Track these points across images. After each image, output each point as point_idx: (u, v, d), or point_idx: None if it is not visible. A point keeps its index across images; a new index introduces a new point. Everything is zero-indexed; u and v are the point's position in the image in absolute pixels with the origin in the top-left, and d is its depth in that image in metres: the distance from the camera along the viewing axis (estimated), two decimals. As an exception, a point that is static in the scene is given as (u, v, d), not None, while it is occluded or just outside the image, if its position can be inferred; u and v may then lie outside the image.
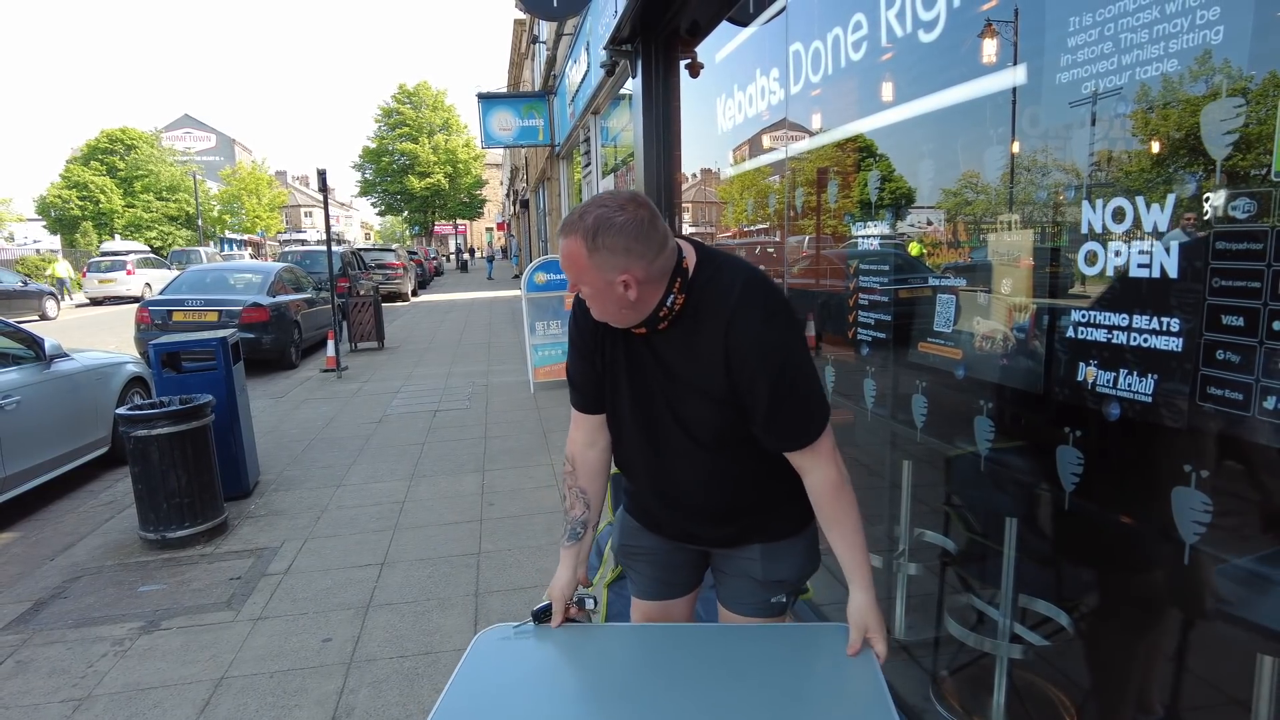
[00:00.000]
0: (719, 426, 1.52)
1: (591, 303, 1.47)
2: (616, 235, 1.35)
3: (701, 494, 1.62)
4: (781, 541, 1.68)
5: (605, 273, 1.38)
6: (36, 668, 3.04)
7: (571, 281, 1.45)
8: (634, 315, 1.46)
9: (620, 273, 1.37)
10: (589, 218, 1.37)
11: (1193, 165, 1.33)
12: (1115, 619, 1.84)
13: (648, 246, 1.38)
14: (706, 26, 4.65)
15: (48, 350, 5.32)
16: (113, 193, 41.07)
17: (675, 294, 1.44)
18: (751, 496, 1.62)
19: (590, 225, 1.36)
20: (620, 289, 1.39)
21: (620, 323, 1.49)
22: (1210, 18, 1.28)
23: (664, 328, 1.48)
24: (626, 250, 1.36)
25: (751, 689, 1.41)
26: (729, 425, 1.51)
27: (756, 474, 1.59)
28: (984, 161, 1.98)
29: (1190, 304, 1.34)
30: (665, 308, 1.45)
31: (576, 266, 1.40)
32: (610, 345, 1.60)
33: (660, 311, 1.45)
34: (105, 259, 24.39)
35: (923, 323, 2.30)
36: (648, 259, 1.38)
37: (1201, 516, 1.34)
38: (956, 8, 2.04)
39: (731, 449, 1.55)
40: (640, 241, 1.37)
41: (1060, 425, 1.68)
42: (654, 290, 1.43)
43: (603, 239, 1.35)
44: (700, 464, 1.58)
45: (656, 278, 1.42)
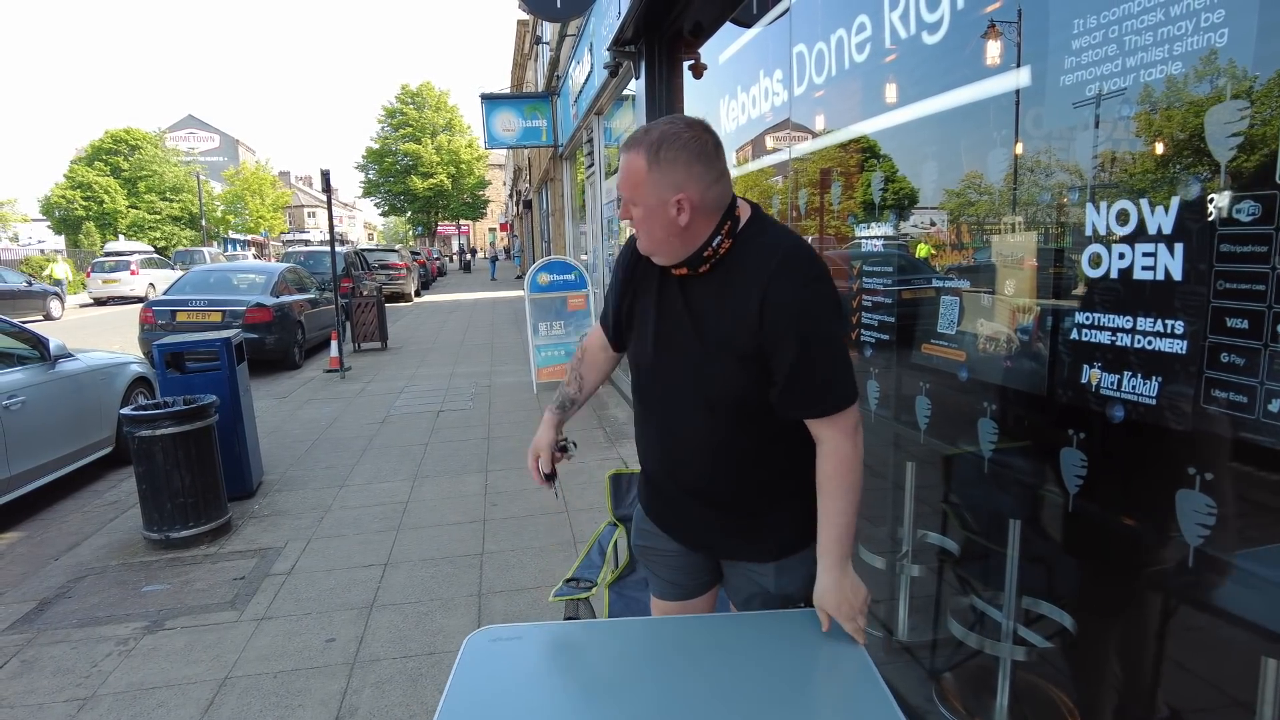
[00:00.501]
0: (736, 385, 1.49)
1: (641, 227, 1.46)
2: (680, 150, 1.37)
3: (708, 461, 1.58)
4: (793, 556, 1.66)
5: (662, 190, 1.39)
6: (41, 667, 3.05)
7: (626, 200, 1.46)
8: (680, 247, 1.46)
9: (677, 191, 1.38)
10: (654, 133, 1.39)
11: (1197, 167, 1.33)
12: (1118, 621, 1.83)
13: (707, 169, 1.39)
14: (710, 28, 4.66)
15: (52, 350, 5.33)
16: (117, 193, 41.18)
17: (723, 236, 1.45)
18: (757, 477, 1.58)
19: (655, 139, 1.38)
20: (673, 210, 1.40)
21: (666, 254, 1.48)
22: (1215, 20, 1.28)
23: (704, 270, 1.48)
24: (687, 167, 1.38)
25: (745, 677, 1.42)
26: (745, 386, 1.48)
27: (764, 455, 1.56)
28: (987, 163, 1.98)
29: (1194, 306, 1.34)
30: (710, 248, 1.45)
31: (634, 182, 1.41)
32: (644, 287, 1.61)
33: (705, 251, 1.45)
34: (109, 259, 24.44)
35: (926, 324, 2.30)
36: (705, 183, 1.40)
37: (1205, 519, 1.34)
38: (960, 9, 2.04)
39: (743, 416, 1.52)
40: (701, 162, 1.39)
41: (1064, 427, 1.68)
42: (704, 223, 1.43)
43: (666, 152, 1.37)
44: (709, 427, 1.55)
45: (710, 209, 1.43)
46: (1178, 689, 1.68)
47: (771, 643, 1.56)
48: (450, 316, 17.66)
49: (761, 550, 1.65)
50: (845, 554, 1.50)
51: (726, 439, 1.55)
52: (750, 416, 1.52)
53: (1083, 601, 1.93)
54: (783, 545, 1.65)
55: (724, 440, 1.55)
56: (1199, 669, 1.63)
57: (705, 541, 1.72)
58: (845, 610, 1.48)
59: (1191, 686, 1.65)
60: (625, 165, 1.43)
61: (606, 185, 8.43)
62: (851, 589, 1.48)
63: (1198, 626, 1.58)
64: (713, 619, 1.76)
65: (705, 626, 1.70)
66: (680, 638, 1.62)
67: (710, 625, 1.71)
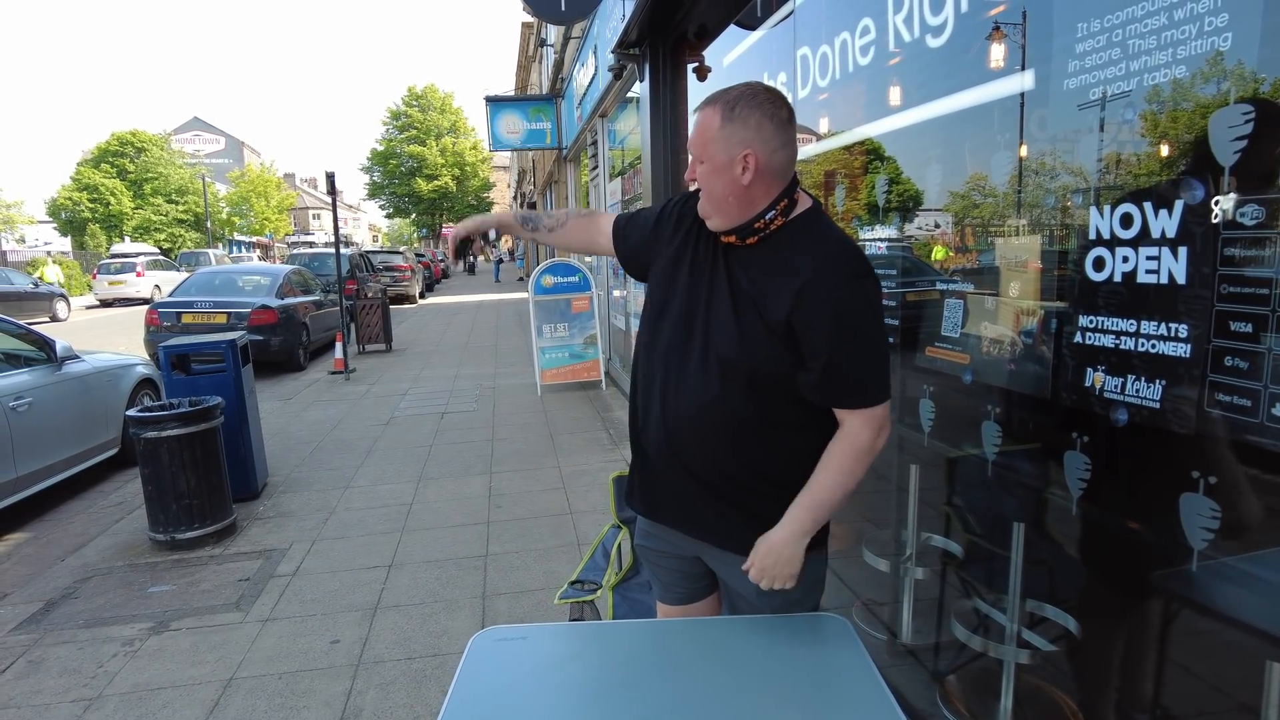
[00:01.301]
0: (754, 355, 1.48)
1: (704, 184, 1.50)
2: (754, 110, 1.42)
3: (707, 426, 1.56)
4: None
5: (731, 146, 1.43)
6: (47, 668, 3.07)
7: (694, 158, 1.51)
8: (736, 211, 1.49)
9: (745, 147, 1.43)
10: (733, 92, 1.45)
11: (1200, 171, 1.33)
12: (1122, 624, 1.83)
13: (777, 132, 1.44)
14: (714, 30, 4.66)
15: (59, 352, 5.36)
16: (123, 195, 41.37)
17: (777, 212, 1.48)
18: (752, 454, 1.56)
19: (733, 97, 1.44)
20: (739, 169, 1.44)
21: (722, 217, 1.51)
22: (1219, 24, 1.28)
23: (752, 242, 1.51)
24: (759, 126, 1.42)
25: (748, 680, 1.42)
26: (763, 358, 1.48)
27: (763, 432, 1.54)
28: (991, 166, 1.99)
29: (1198, 310, 1.34)
30: (763, 219, 1.48)
31: (705, 136, 1.46)
32: (685, 243, 1.63)
33: (756, 222, 1.48)
34: (115, 261, 24.53)
35: (930, 327, 2.30)
36: (772, 146, 1.44)
37: (1210, 523, 1.34)
38: (964, 13, 2.05)
39: (752, 387, 1.51)
40: (772, 122, 1.43)
41: (1067, 430, 1.68)
42: (763, 189, 1.47)
43: (741, 110, 1.43)
44: (716, 392, 1.53)
45: (773, 174, 1.46)
46: (1182, 692, 1.68)
47: (775, 647, 1.56)
48: (454, 318, 17.69)
49: (747, 542, 1.59)
50: (807, 525, 1.50)
51: (730, 406, 1.53)
52: (759, 389, 1.51)
53: (1086, 605, 1.93)
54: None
55: (727, 407, 1.53)
56: (1203, 673, 1.63)
57: (689, 518, 1.67)
58: (768, 565, 1.51)
59: (1195, 690, 1.65)
60: (699, 121, 1.48)
61: (611, 187, 8.44)
62: (788, 558, 1.50)
63: (1202, 630, 1.58)
64: (717, 622, 1.76)
65: (709, 630, 1.70)
66: (683, 641, 1.63)
67: (714, 629, 1.71)
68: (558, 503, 4.80)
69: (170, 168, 43.81)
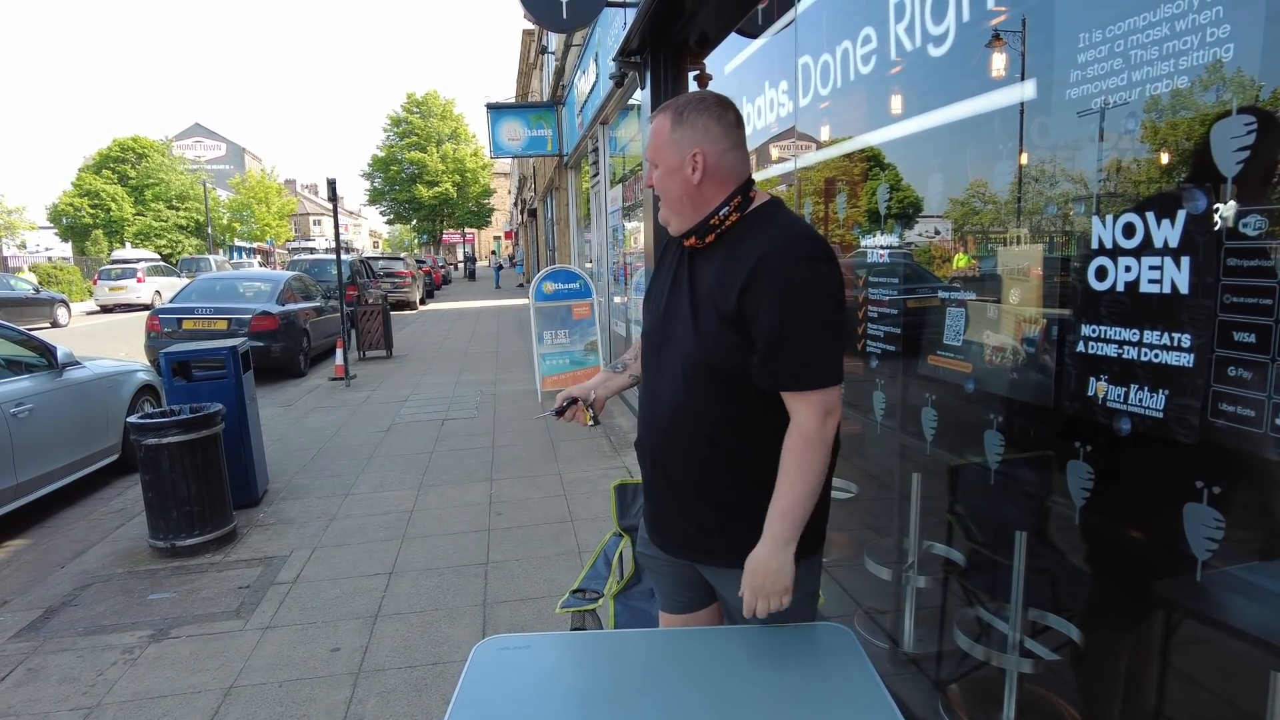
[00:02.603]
0: (712, 348, 1.50)
1: (660, 189, 1.59)
2: (700, 113, 1.52)
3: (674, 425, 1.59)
4: None
5: (681, 148, 1.52)
6: (47, 675, 3.06)
7: (650, 164, 1.60)
8: (691, 211, 1.56)
9: (693, 148, 1.51)
10: (681, 99, 1.56)
11: (1203, 181, 1.33)
12: (1126, 633, 1.83)
13: (724, 133, 1.53)
14: (715, 38, 4.68)
15: (60, 358, 5.36)
16: (124, 201, 41.42)
17: (731, 209, 1.53)
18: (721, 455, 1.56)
19: (681, 103, 1.55)
20: (690, 169, 1.52)
21: (679, 218, 1.58)
22: (1220, 35, 1.28)
23: (710, 240, 1.56)
24: (706, 128, 1.52)
25: (750, 689, 1.42)
26: (721, 351, 1.49)
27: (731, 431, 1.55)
28: (993, 174, 1.99)
29: (1201, 320, 1.34)
30: (717, 216, 1.53)
31: (658, 143, 1.56)
32: (665, 265, 1.72)
33: (712, 219, 1.54)
34: (116, 267, 24.57)
35: (932, 334, 2.30)
36: (721, 146, 1.53)
37: (1214, 533, 1.33)
38: (966, 22, 2.05)
39: (715, 381, 1.52)
40: (718, 124, 1.53)
41: (1070, 440, 1.67)
42: (715, 188, 1.54)
43: (688, 114, 1.52)
44: (682, 391, 1.56)
45: (722, 174, 1.54)
46: (1185, 702, 1.67)
47: (777, 656, 1.56)
48: (455, 324, 17.70)
49: (728, 554, 1.59)
50: (786, 532, 1.48)
51: (694, 404, 1.55)
52: (724, 386, 1.52)
53: (1090, 614, 1.93)
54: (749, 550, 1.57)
55: (693, 405, 1.55)
56: (1207, 682, 1.63)
57: (680, 540, 1.69)
58: (758, 584, 1.49)
59: (1199, 699, 1.65)
60: (653, 128, 1.57)
61: (612, 194, 8.45)
62: (776, 570, 1.48)
63: (1205, 639, 1.58)
64: (719, 632, 1.76)
65: (710, 639, 1.70)
66: (685, 651, 1.62)
67: (716, 638, 1.71)
68: (558, 510, 4.79)
69: (171, 174, 43.87)
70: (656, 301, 1.71)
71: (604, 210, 8.98)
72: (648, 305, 1.77)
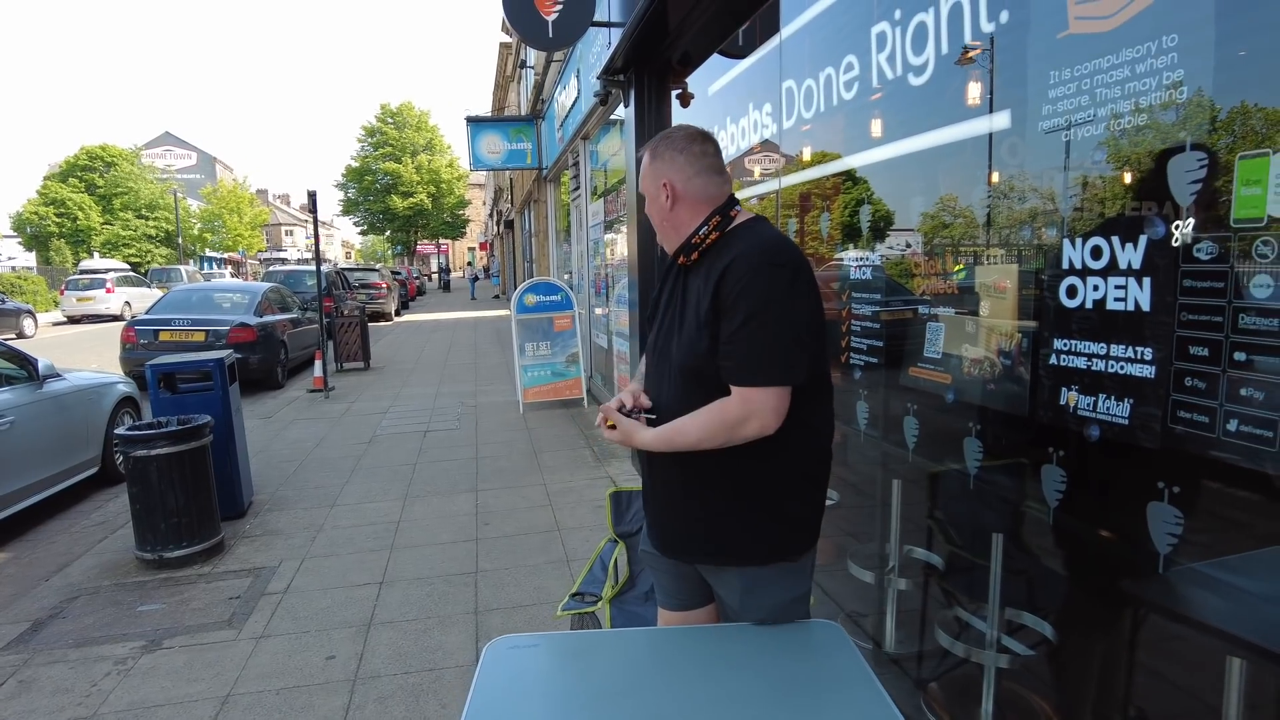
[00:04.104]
0: (694, 352, 1.60)
1: (648, 213, 1.75)
2: (668, 147, 1.69)
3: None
4: (760, 568, 1.69)
5: (655, 179, 1.69)
6: (39, 687, 3.06)
7: (642, 194, 1.76)
8: (673, 233, 1.71)
9: (661, 178, 1.68)
10: (659, 136, 1.73)
11: (1162, 210, 1.47)
12: (1097, 628, 1.95)
13: (688, 162, 1.67)
14: (698, 58, 4.82)
15: (41, 370, 5.32)
16: (91, 210, 40.69)
17: (710, 228, 1.66)
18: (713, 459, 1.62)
19: (656, 139, 1.72)
20: (663, 196, 1.68)
21: (666, 241, 1.75)
22: (1175, 78, 1.42)
23: (695, 258, 1.68)
24: (671, 159, 1.67)
25: (753, 682, 1.51)
26: (702, 354, 1.59)
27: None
28: (973, 198, 2.13)
29: (1162, 335, 1.47)
30: (698, 235, 1.66)
31: (641, 175, 1.73)
32: (664, 285, 1.84)
33: (693, 239, 1.67)
34: (84, 277, 24.11)
35: (912, 347, 2.43)
36: (686, 173, 1.66)
37: (1174, 528, 1.46)
38: (945, 54, 2.19)
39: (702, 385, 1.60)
40: (683, 155, 1.67)
41: (1044, 446, 1.80)
42: (689, 212, 1.68)
43: (659, 148, 1.70)
44: (674, 396, 1.67)
45: (693, 198, 1.67)
46: (1151, 693, 1.80)
47: (774, 652, 1.66)
48: (432, 336, 17.66)
49: (720, 554, 1.69)
50: (653, 440, 1.66)
51: (683, 409, 1.62)
52: (706, 387, 1.60)
53: (1063, 611, 2.05)
54: (745, 552, 1.67)
55: (682, 410, 1.62)
56: (1173, 673, 1.75)
57: (675, 540, 1.78)
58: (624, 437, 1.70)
59: (1167, 691, 1.77)
60: (640, 165, 1.75)
61: (593, 208, 8.56)
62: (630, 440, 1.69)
63: (1173, 635, 1.70)
64: (718, 629, 1.85)
65: (711, 636, 1.79)
66: (687, 646, 1.71)
67: (716, 635, 1.80)
68: (545, 520, 4.86)
69: (140, 183, 43.19)
70: (657, 315, 1.83)
71: (585, 224, 9.09)
72: (651, 319, 1.89)
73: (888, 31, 2.45)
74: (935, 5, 2.19)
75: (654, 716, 1.46)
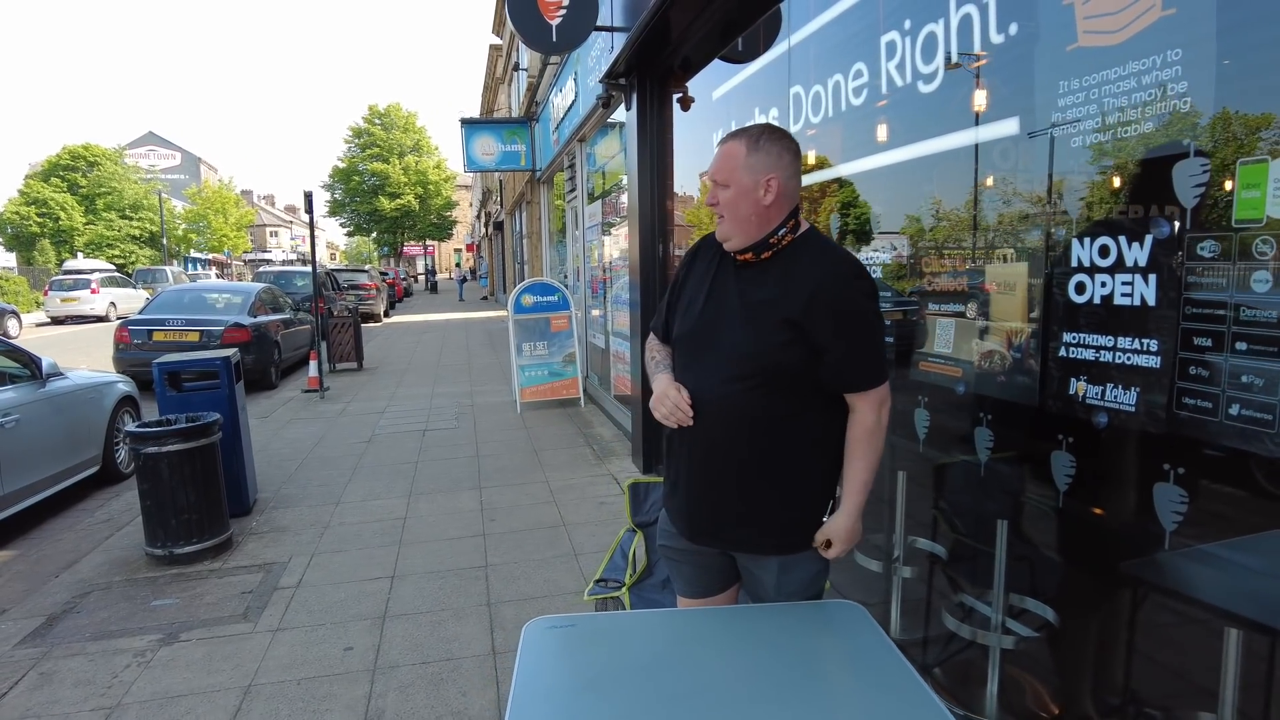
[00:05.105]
0: (769, 356, 1.68)
1: (729, 208, 1.73)
2: (776, 141, 1.71)
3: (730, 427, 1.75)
4: (796, 554, 1.81)
5: (756, 172, 1.69)
6: (61, 679, 3.11)
7: (717, 185, 1.73)
8: (755, 229, 1.72)
9: (769, 173, 1.68)
10: (755, 128, 1.73)
11: (1167, 212, 1.58)
12: (1101, 610, 2.06)
13: (792, 161, 1.72)
14: (699, 64, 4.93)
15: (45, 369, 5.35)
16: (74, 210, 40.31)
17: (787, 230, 1.72)
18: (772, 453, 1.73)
19: (756, 130, 1.72)
20: (762, 190, 1.69)
21: (742, 236, 1.73)
22: (1180, 90, 1.53)
23: (766, 257, 1.74)
24: (780, 155, 1.70)
25: (781, 659, 1.60)
26: (777, 358, 1.68)
27: (781, 431, 1.73)
28: (984, 202, 2.23)
29: (1167, 327, 1.58)
30: (776, 236, 1.72)
31: (730, 165, 1.71)
32: (696, 280, 1.87)
33: (771, 239, 1.72)
34: (68, 277, 23.90)
35: (924, 342, 2.53)
36: (789, 172, 1.71)
37: (1179, 507, 1.57)
38: (955, 64, 2.30)
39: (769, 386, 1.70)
40: (789, 154, 1.72)
41: (1054, 434, 1.91)
42: (778, 211, 1.71)
43: (766, 141, 1.70)
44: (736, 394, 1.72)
45: (787, 198, 1.72)
46: (1152, 675, 1.91)
47: (802, 630, 1.74)
48: (423, 337, 17.67)
49: (765, 543, 1.80)
50: (860, 502, 1.74)
51: (742, 403, 1.72)
52: (772, 387, 1.70)
53: (1069, 594, 2.16)
54: (787, 541, 1.79)
55: (740, 404, 1.72)
56: (1173, 653, 1.86)
57: (714, 529, 1.86)
58: (845, 541, 1.75)
59: (1170, 671, 1.88)
60: (726, 152, 1.72)
61: (590, 209, 8.65)
62: (855, 529, 1.75)
63: (1178, 615, 1.81)
64: (746, 609, 1.93)
65: (739, 616, 1.87)
66: (718, 625, 1.79)
67: (744, 615, 1.88)
68: (550, 516, 4.94)
69: (124, 183, 42.81)
70: (691, 310, 1.85)
71: (582, 225, 9.17)
72: (676, 313, 1.91)
73: (897, 40, 2.56)
74: (945, 15, 2.30)
75: (692, 688, 1.54)
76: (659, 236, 5.56)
